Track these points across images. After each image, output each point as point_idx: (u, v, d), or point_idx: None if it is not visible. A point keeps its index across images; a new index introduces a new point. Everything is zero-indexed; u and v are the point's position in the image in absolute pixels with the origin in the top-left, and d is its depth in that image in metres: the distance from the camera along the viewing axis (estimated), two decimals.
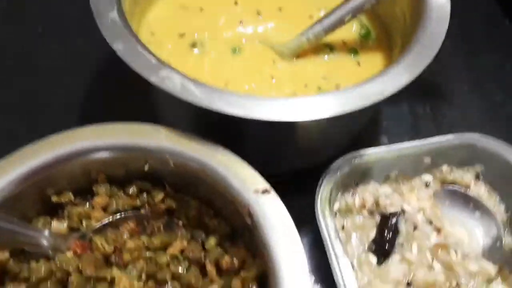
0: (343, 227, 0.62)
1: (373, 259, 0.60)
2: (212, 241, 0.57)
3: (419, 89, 0.83)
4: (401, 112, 0.80)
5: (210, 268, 0.53)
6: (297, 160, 0.68)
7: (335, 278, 0.54)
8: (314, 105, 0.51)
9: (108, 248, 0.53)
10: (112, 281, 0.50)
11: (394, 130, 0.77)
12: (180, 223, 0.59)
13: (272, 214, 0.50)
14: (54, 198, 0.55)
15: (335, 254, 0.55)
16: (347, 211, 0.63)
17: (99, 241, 0.53)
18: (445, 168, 0.64)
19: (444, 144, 0.63)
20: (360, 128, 0.71)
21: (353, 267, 0.59)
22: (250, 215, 0.50)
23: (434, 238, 0.60)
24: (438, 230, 0.60)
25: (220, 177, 0.52)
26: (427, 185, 0.65)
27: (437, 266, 0.59)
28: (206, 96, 0.48)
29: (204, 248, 0.56)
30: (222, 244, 0.57)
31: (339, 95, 0.52)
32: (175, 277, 0.53)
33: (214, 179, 0.52)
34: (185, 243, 0.56)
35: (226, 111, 0.48)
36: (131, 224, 0.57)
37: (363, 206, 0.63)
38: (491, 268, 0.59)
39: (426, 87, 0.84)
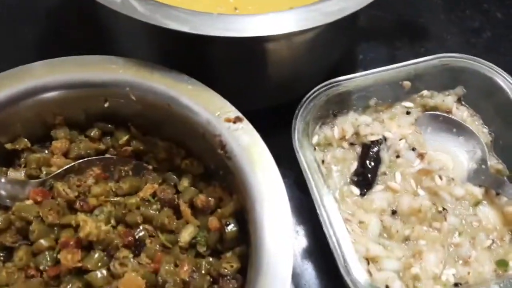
0: (323, 161, 0.59)
1: (356, 190, 0.57)
2: (185, 182, 0.53)
3: (395, 21, 0.79)
4: (378, 45, 0.77)
5: (184, 208, 0.50)
6: (272, 94, 0.64)
7: (318, 212, 0.51)
8: (275, 21, 0.47)
9: (71, 194, 0.49)
10: (77, 228, 0.46)
11: (371, 63, 0.74)
12: (150, 167, 0.55)
13: (246, 143, 0.46)
14: (9, 146, 0.50)
15: (317, 187, 0.52)
16: (326, 144, 0.60)
17: (61, 187, 0.49)
18: (425, 92, 0.61)
19: (422, 66, 0.60)
20: (335, 61, 0.68)
21: (336, 200, 0.56)
22: (222, 145, 0.46)
23: (417, 165, 0.58)
24: (422, 156, 0.58)
25: (187, 108, 0.48)
26: (408, 112, 0.62)
27: (422, 192, 0.57)
28: (148, 11, 0.44)
29: (177, 191, 0.53)
30: (196, 185, 0.53)
31: (298, 13, 0.48)
32: (147, 219, 0.49)
33: (180, 111, 0.48)
34: (156, 186, 0.52)
35: (170, 26, 0.44)
36: (96, 170, 0.53)
37: (343, 137, 0.60)
38: (477, 191, 0.57)
39: (401, 18, 0.80)
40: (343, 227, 0.50)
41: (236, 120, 0.46)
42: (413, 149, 0.58)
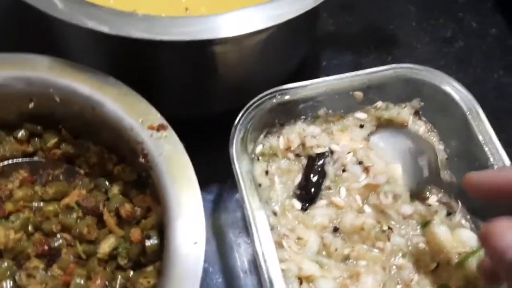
0: (267, 172, 0.56)
1: (297, 204, 0.54)
2: (115, 189, 0.51)
3: (364, 27, 0.76)
4: (344, 51, 0.74)
5: (107, 218, 0.48)
6: (223, 99, 0.61)
7: (248, 226, 0.48)
8: (222, 22, 0.45)
9: None
10: None
11: (334, 70, 0.71)
12: (82, 171, 0.53)
13: (168, 153, 0.43)
14: None
15: (248, 201, 0.49)
16: (271, 154, 0.57)
17: None
18: (379, 104, 0.58)
19: (376, 76, 0.57)
20: (294, 66, 0.65)
21: (275, 214, 0.54)
22: (144, 154, 0.44)
23: (363, 179, 0.55)
24: (367, 170, 0.55)
25: (111, 112, 0.45)
26: (361, 126, 0.59)
27: (368, 209, 0.54)
28: (68, 8, 0.41)
29: (108, 198, 0.51)
30: (128, 192, 0.51)
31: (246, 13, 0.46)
32: (65, 228, 0.47)
33: (105, 116, 0.46)
34: (83, 192, 0.50)
35: (89, 25, 0.41)
36: (23, 173, 0.51)
37: (288, 148, 0.57)
38: (424, 211, 0.54)
39: (372, 24, 0.77)
40: (272, 244, 0.47)
41: (160, 128, 0.44)
42: (360, 163, 0.55)
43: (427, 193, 0.55)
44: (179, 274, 0.38)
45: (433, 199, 0.56)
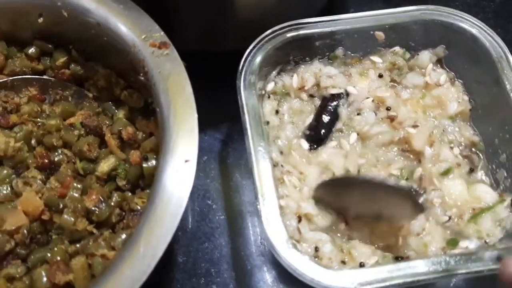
0: (277, 112, 0.54)
1: (305, 145, 0.52)
2: (120, 113, 0.51)
3: None
4: None
5: (109, 139, 0.47)
6: (241, 36, 0.59)
7: (249, 160, 0.47)
8: None
9: None
10: None
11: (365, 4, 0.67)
12: (91, 95, 0.53)
13: (167, 72, 0.42)
14: None
15: (252, 136, 0.47)
16: (284, 93, 0.55)
17: None
18: (397, 49, 0.55)
19: (401, 16, 0.53)
20: (318, 4, 0.61)
21: (282, 153, 0.52)
22: (145, 71, 0.43)
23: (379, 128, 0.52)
24: (391, 120, 0.52)
25: (114, 28, 0.45)
26: (380, 75, 0.55)
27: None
28: None
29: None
30: (133, 118, 0.51)
31: None
32: (68, 144, 0.47)
33: (108, 31, 0.45)
34: (89, 113, 0.50)
35: None
36: (33, 90, 0.51)
37: (302, 87, 0.54)
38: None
39: None
40: (271, 178, 0.45)
41: (161, 45, 0.43)
42: (388, 109, 0.53)
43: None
44: (168, 192, 0.37)
45: (456, 151, 0.53)
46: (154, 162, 0.45)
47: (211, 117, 0.61)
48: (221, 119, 0.62)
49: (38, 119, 0.48)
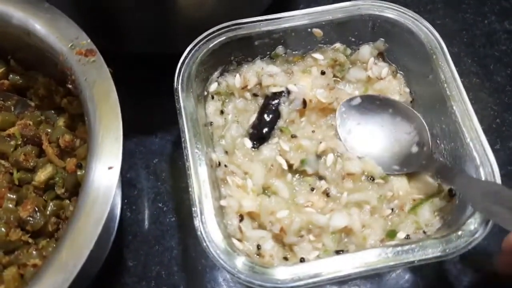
0: (222, 112, 0.55)
1: (248, 143, 0.53)
2: (60, 121, 0.51)
3: None
4: None
5: (46, 147, 0.48)
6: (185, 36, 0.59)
7: (186, 164, 0.47)
8: None
9: None
10: None
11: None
12: (33, 104, 0.53)
13: (93, 78, 0.43)
14: None
15: (189, 140, 0.47)
16: (228, 93, 0.56)
17: None
18: (337, 45, 0.55)
19: (338, 12, 0.53)
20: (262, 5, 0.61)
21: (227, 152, 0.53)
22: (72, 80, 0.43)
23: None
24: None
25: (43, 37, 0.45)
26: (323, 72, 0.56)
27: None
28: None
29: None
30: (76, 125, 0.51)
31: None
32: (4, 155, 0.47)
33: (38, 41, 0.45)
34: (29, 123, 0.50)
35: None
36: None
37: (245, 87, 0.55)
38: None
39: None
40: (207, 182, 0.45)
41: (88, 53, 0.43)
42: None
43: None
44: (91, 199, 0.37)
45: None
46: None
47: (162, 120, 0.61)
48: (173, 121, 0.62)
49: None
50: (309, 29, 0.54)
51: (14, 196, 0.44)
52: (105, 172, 0.38)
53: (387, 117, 0.54)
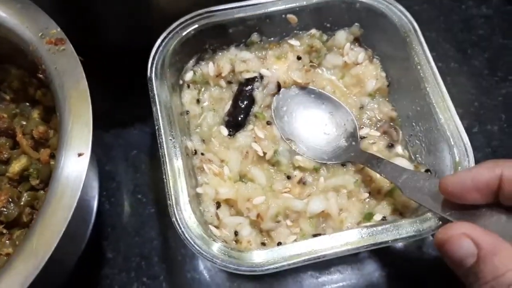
0: (198, 101, 0.55)
1: (224, 131, 0.53)
2: (35, 113, 0.51)
3: None
4: None
5: (20, 139, 0.47)
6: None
7: (160, 153, 0.47)
8: None
9: None
10: None
11: None
12: (8, 97, 0.53)
13: (63, 67, 0.42)
14: None
15: (164, 129, 0.47)
16: (204, 82, 0.55)
17: None
18: (313, 31, 0.55)
19: None
20: None
21: (204, 141, 0.52)
22: (43, 69, 0.43)
23: None
24: None
25: (12, 27, 0.44)
26: (298, 58, 0.56)
27: None
28: None
29: None
30: (50, 116, 0.51)
31: None
32: None
33: (8, 31, 0.45)
34: (4, 116, 0.50)
35: None
36: None
37: (219, 75, 0.55)
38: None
39: None
40: (181, 170, 0.45)
41: (58, 42, 0.43)
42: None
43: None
44: (61, 186, 0.37)
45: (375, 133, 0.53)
46: None
47: (140, 112, 0.61)
48: (150, 114, 0.62)
49: None
50: (284, 15, 0.54)
51: None
52: (75, 159, 0.38)
53: (319, 111, 0.54)
